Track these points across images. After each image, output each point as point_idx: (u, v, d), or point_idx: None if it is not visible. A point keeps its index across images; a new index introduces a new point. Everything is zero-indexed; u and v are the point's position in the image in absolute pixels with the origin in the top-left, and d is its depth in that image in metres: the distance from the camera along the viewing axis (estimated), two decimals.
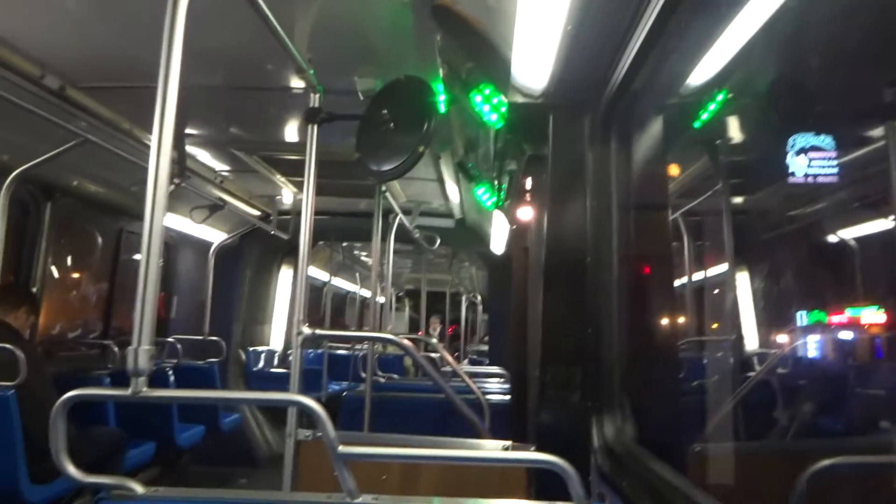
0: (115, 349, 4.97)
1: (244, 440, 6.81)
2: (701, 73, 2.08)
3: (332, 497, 1.41)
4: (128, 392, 1.42)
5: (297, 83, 3.28)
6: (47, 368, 3.71)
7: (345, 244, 9.04)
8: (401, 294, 15.62)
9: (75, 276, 5.50)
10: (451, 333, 13.50)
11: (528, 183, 3.19)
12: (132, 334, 1.43)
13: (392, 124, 2.53)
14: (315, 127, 2.45)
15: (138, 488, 1.44)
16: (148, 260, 1.41)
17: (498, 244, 6.30)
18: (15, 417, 3.21)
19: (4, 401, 3.19)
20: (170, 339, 5.92)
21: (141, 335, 1.42)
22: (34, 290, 4.59)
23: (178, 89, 1.45)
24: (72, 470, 1.39)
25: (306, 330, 2.40)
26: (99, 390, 2.22)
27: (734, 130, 3.46)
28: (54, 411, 1.37)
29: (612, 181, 2.16)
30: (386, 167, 2.54)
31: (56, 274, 5.10)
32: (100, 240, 5.64)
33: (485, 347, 11.50)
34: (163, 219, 1.43)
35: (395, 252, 5.19)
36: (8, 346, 3.37)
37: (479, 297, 13.61)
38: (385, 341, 4.37)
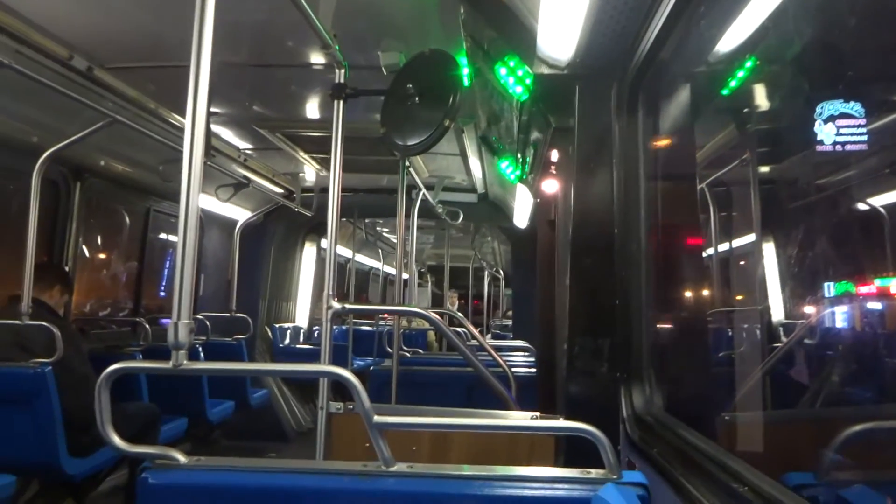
0: (147, 326, 5.07)
1: (272, 415, 6.93)
2: (729, 39, 2.06)
3: (367, 465, 1.44)
4: (168, 365, 1.46)
5: (320, 59, 3.29)
6: (84, 345, 3.79)
7: (367, 220, 9.08)
8: (423, 270, 15.72)
9: (105, 255, 5.60)
10: (475, 308, 13.61)
11: (554, 155, 3.18)
12: (167, 310, 1.47)
13: (417, 98, 2.54)
14: (341, 103, 2.46)
15: (181, 458, 1.49)
16: (185, 237, 1.44)
17: (521, 218, 6.30)
18: (53, 393, 3.29)
19: (42, 377, 3.28)
20: (199, 316, 6.02)
21: (180, 310, 1.46)
22: (67, 268, 4.67)
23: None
24: (118, 441, 1.44)
25: (336, 304, 2.43)
26: (141, 363, 2.27)
27: (762, 98, 3.41)
28: (98, 385, 1.41)
29: (639, 152, 2.15)
30: (411, 142, 2.55)
31: (87, 253, 5.19)
32: (128, 219, 5.72)
33: (508, 322, 11.54)
34: (198, 197, 1.46)
35: (417, 228, 5.21)
36: (45, 323, 3.44)
37: (501, 272, 13.65)
38: (413, 314, 4.40)
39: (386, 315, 8.21)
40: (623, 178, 2.15)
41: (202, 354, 5.32)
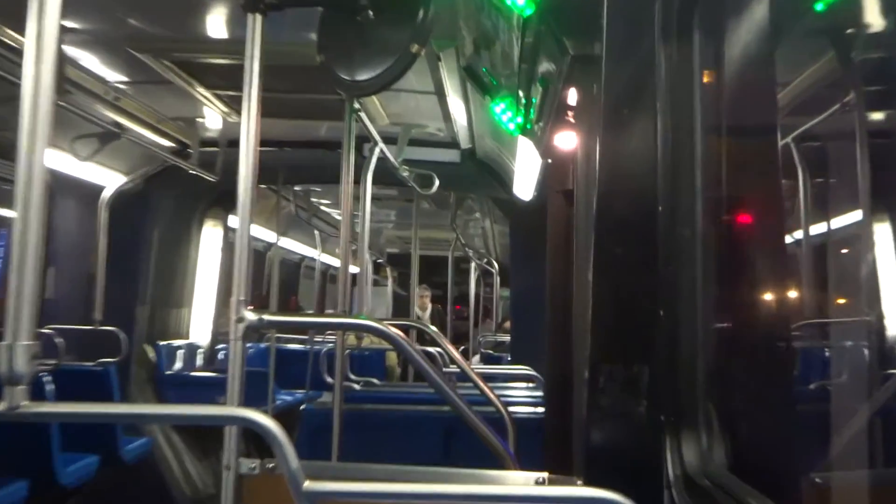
0: None
1: (156, 475, 6.92)
2: None
3: None
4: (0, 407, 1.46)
5: None
6: None
7: (299, 188, 9.08)
8: (380, 261, 15.84)
9: None
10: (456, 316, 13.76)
11: (571, 96, 3.20)
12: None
13: (370, 12, 2.53)
14: (258, 17, 2.45)
15: None
16: (25, 212, 1.44)
17: (524, 187, 6.34)
18: None
19: None
20: (46, 331, 5.97)
21: (16, 323, 1.45)
22: None
23: None
24: None
25: (249, 315, 2.44)
26: None
27: (873, 14, 3.43)
28: None
29: (694, 92, 2.17)
30: (363, 75, 2.55)
31: None
32: None
33: (504, 338, 11.61)
34: (44, 152, 1.45)
35: (373, 199, 5.21)
36: None
37: (495, 265, 13.72)
38: (360, 329, 4.43)
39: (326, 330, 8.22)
40: (671, 131, 2.16)
41: (50, 388, 5.28)
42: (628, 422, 2.19)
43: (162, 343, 7.55)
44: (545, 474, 2.59)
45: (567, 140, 3.81)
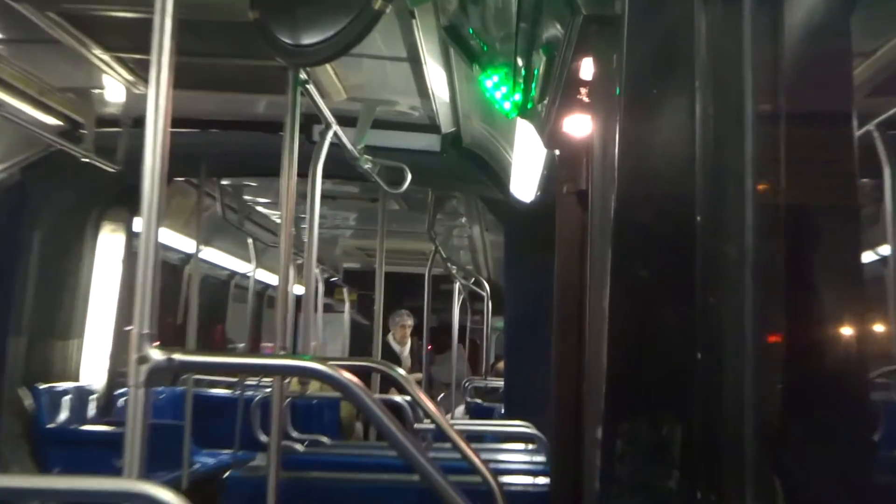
0: None
1: None
2: None
3: None
4: None
5: None
6: None
7: (227, 183, 9.06)
8: (335, 279, 15.86)
9: None
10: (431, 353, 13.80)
11: (585, 68, 3.21)
12: None
13: None
14: None
15: None
16: None
17: (524, 184, 6.35)
18: None
19: None
20: None
21: None
22: None
23: None
24: None
25: (155, 354, 2.43)
26: None
27: None
28: None
29: (744, 65, 2.18)
30: (308, 39, 2.55)
31: None
32: None
33: (498, 383, 11.62)
34: None
35: (325, 198, 5.22)
36: None
37: (486, 286, 13.74)
38: (305, 374, 4.42)
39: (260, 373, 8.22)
40: (714, 116, 2.17)
41: None
42: (655, 499, 2.19)
43: (42, 386, 7.48)
44: None
45: (579, 125, 3.81)
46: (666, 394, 2.19)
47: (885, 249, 5.44)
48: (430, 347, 13.84)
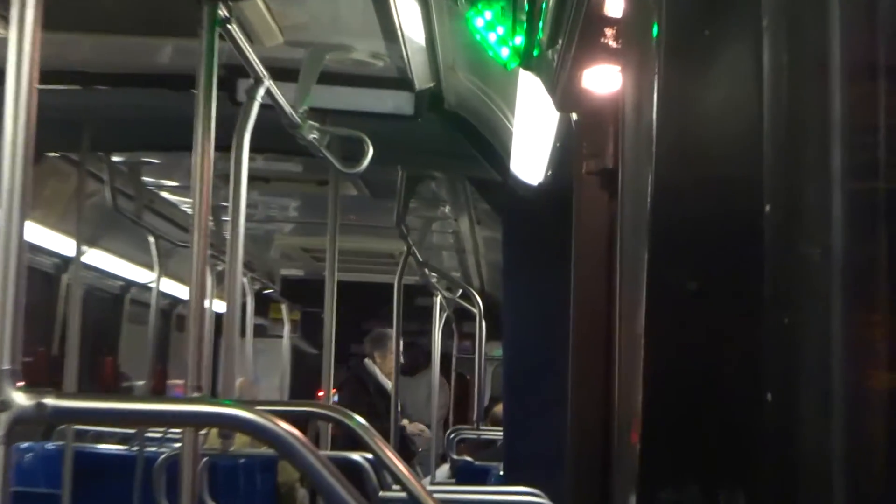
0: None
1: None
2: None
3: None
4: None
5: None
6: None
7: (120, 159, 9.03)
8: (271, 291, 15.78)
9: None
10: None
11: (610, 5, 3.22)
12: None
13: None
14: None
15: None
16: None
17: (530, 161, 6.35)
18: None
19: None
20: None
21: None
22: None
23: None
24: None
25: (19, 399, 2.42)
26: None
27: None
28: None
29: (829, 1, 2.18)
30: None
31: None
32: None
33: (494, 434, 11.63)
34: None
35: (257, 181, 5.20)
36: None
37: (477, 300, 13.68)
38: (228, 424, 4.38)
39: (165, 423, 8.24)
40: (787, 68, 2.17)
41: None
42: None
43: None
44: None
45: (604, 79, 3.81)
46: (724, 451, 2.19)
47: None
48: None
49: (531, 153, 6.19)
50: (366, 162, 6.34)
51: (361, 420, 4.39)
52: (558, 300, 4.69)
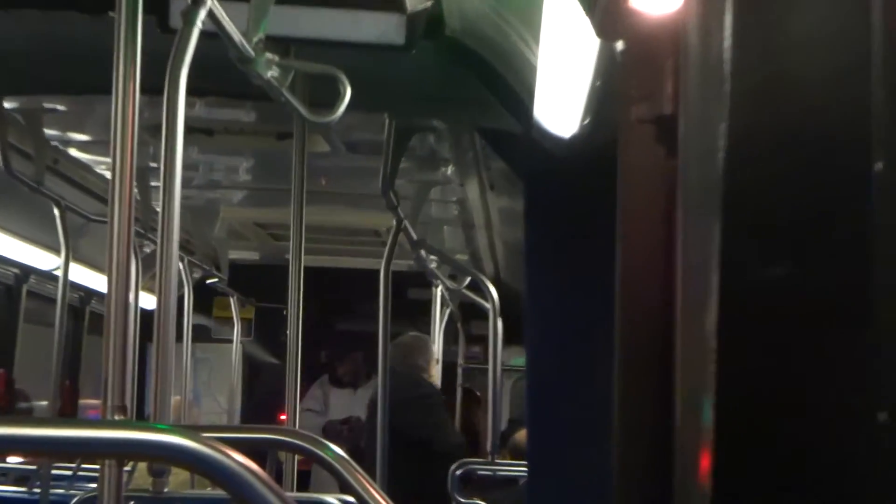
0: None
1: None
2: None
3: None
4: None
5: None
6: None
7: (14, 106, 9.07)
8: (216, 281, 15.70)
9: None
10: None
11: None
12: None
13: None
14: None
15: None
16: None
17: (559, 107, 6.36)
18: None
19: None
20: None
21: None
22: None
23: None
24: None
25: None
26: None
27: None
28: None
29: None
30: None
31: None
32: None
33: (515, 470, 11.68)
34: None
35: (196, 132, 5.19)
36: None
37: (491, 291, 13.65)
38: (162, 456, 4.39)
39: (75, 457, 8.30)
40: None
41: None
42: None
43: None
44: None
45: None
46: (823, 487, 2.19)
47: None
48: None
49: (561, 95, 6.19)
50: (341, 108, 6.32)
51: (338, 450, 4.39)
52: (599, 291, 4.70)
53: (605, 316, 4.51)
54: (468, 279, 13.62)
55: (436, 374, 13.59)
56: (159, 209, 4.99)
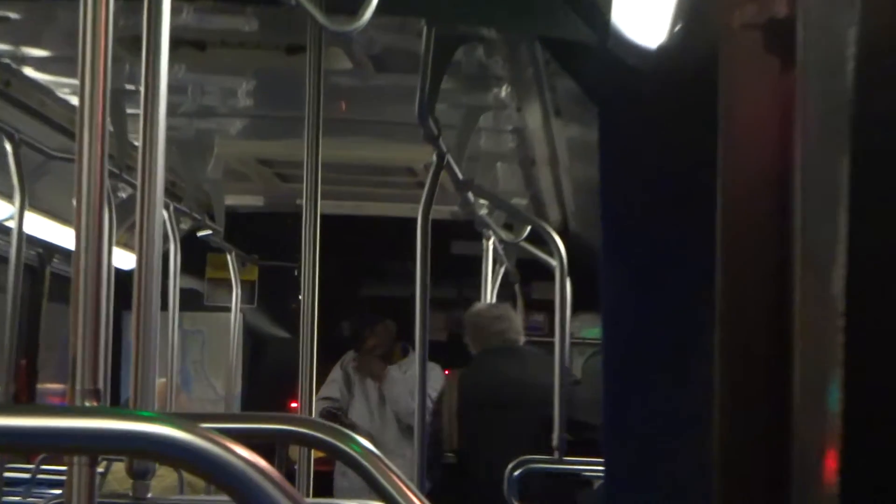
0: None
1: None
2: None
3: None
4: None
5: None
6: None
7: None
8: (209, 233, 15.65)
9: None
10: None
11: None
12: None
13: None
14: None
15: None
16: None
17: (642, 8, 6.35)
18: None
19: None
20: None
21: None
22: None
23: None
24: None
25: None
26: None
27: None
28: None
29: None
30: None
31: None
32: None
33: (589, 468, 11.70)
34: None
35: (184, 45, 5.18)
36: None
37: (558, 244, 13.64)
38: (147, 452, 4.40)
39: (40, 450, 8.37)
40: None
41: None
42: None
43: None
44: None
45: None
46: None
47: None
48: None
49: None
50: (368, 13, 6.32)
51: (367, 444, 4.39)
52: (696, 246, 4.69)
53: (702, 275, 4.51)
54: (528, 229, 13.55)
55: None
56: (138, 143, 5.01)
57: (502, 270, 13.01)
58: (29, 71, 10.57)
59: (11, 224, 11.77)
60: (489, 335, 13.52)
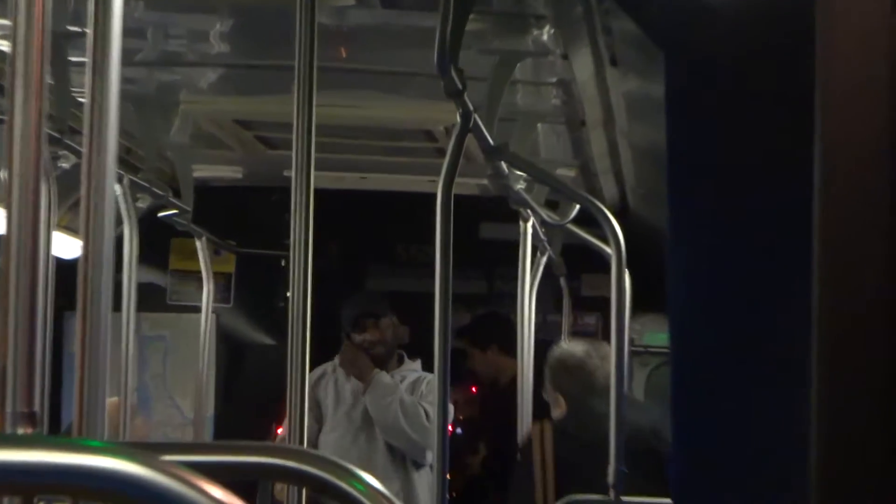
0: None
1: None
2: None
3: None
4: None
5: None
6: None
7: None
8: (174, 213, 15.62)
9: None
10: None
11: None
12: None
13: None
14: None
15: None
16: None
17: None
18: None
19: None
20: None
21: None
22: None
23: None
24: None
25: None
26: None
27: None
28: None
29: None
30: None
31: None
32: None
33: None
34: None
35: None
36: None
37: (613, 226, 13.65)
38: (98, 490, 4.41)
39: None
40: None
41: None
42: None
43: None
44: None
45: None
46: None
47: None
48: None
49: None
50: None
51: (373, 481, 4.40)
52: (790, 227, 4.70)
53: (799, 267, 4.51)
54: (576, 209, 13.51)
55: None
56: (85, 99, 5.02)
57: (544, 260, 12.99)
58: None
59: None
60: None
